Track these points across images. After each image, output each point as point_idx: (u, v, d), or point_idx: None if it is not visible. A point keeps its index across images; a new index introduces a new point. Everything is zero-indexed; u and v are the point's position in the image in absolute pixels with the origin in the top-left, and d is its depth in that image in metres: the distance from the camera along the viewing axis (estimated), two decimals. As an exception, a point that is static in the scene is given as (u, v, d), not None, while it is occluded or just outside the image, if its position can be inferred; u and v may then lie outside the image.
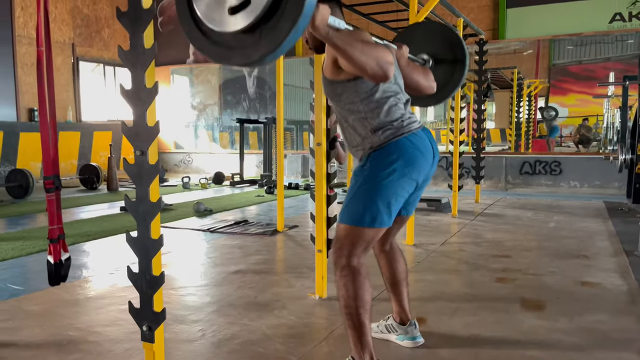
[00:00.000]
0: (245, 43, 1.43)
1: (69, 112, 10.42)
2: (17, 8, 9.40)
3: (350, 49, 1.65)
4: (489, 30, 8.75)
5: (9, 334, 2.44)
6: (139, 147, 1.70)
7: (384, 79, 1.72)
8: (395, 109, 1.97)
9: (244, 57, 1.44)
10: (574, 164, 8.06)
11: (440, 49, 2.71)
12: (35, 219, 5.79)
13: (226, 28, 1.44)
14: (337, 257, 1.94)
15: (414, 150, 1.93)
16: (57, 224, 2.58)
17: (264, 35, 1.40)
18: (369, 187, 1.91)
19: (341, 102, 2.00)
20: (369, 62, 1.66)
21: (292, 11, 1.34)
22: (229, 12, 1.41)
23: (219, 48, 1.48)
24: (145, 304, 1.76)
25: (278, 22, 1.37)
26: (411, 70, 2.25)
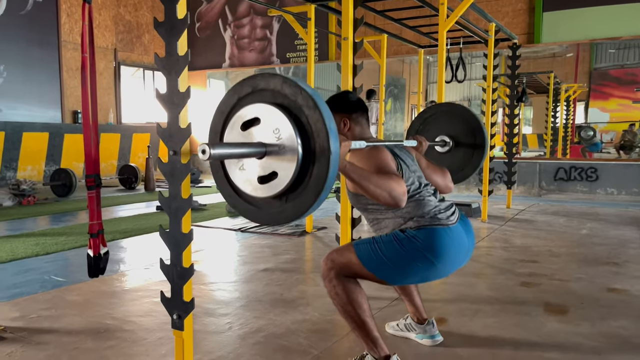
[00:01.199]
0: (272, 206, 1.60)
1: (110, 115, 10.81)
2: (63, 15, 9.84)
3: (365, 182, 1.74)
4: (524, 35, 8.65)
5: (51, 322, 2.62)
6: (172, 148, 1.83)
7: (397, 207, 1.81)
8: (424, 202, 1.99)
9: (271, 220, 1.62)
10: (611, 170, 7.87)
11: (461, 132, 2.80)
12: (77, 216, 6.07)
13: (256, 194, 1.60)
14: (327, 269, 1.97)
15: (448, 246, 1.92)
16: (96, 220, 2.75)
17: (290, 201, 1.56)
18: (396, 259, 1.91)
19: (368, 208, 2.07)
20: (382, 194, 1.74)
21: (315, 186, 1.49)
22: (258, 180, 1.57)
23: (250, 207, 1.66)
24: (175, 294, 1.88)
25: (303, 192, 1.52)
26: (430, 173, 2.31)
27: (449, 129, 2.82)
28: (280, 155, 1.52)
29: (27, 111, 9.24)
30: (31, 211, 6.27)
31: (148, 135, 11.26)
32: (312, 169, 1.49)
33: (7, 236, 4.75)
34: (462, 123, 2.81)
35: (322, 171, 1.47)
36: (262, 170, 1.56)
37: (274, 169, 1.54)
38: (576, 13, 8.28)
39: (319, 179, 1.48)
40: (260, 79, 1.58)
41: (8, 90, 8.92)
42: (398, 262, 1.90)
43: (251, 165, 1.59)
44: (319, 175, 1.48)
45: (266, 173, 1.55)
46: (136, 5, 11.39)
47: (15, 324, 2.57)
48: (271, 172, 1.54)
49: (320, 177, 1.47)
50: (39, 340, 2.38)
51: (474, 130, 2.78)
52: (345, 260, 1.94)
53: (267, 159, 1.55)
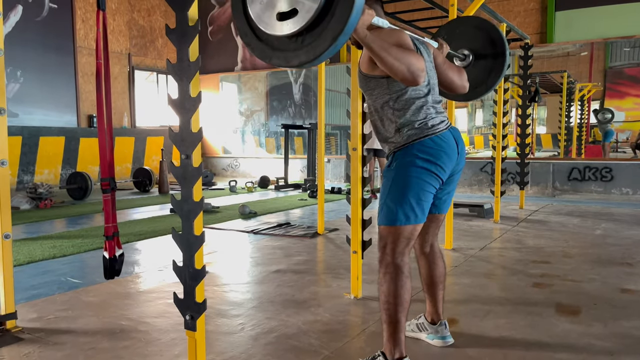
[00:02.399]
0: (287, 47, 1.56)
1: (125, 119, 10.96)
2: (79, 21, 10.00)
3: (384, 53, 1.77)
4: (536, 34, 8.60)
5: (68, 322, 2.68)
6: (184, 152, 1.87)
7: (414, 84, 1.84)
8: (421, 110, 2.05)
9: (283, 60, 1.58)
10: (626, 170, 7.80)
11: (481, 44, 2.74)
12: (92, 218, 6.16)
13: (272, 31, 1.57)
14: (381, 255, 2.05)
15: (437, 149, 2.02)
16: (112, 222, 2.81)
17: (305, 44, 1.52)
18: (397, 187, 2.01)
19: (373, 96, 2.11)
20: (401, 67, 1.78)
21: (335, 28, 1.45)
22: (277, 17, 1.54)
23: (264, 46, 1.62)
24: (188, 295, 1.92)
25: (320, 34, 1.48)
26: (447, 69, 2.31)
27: (467, 43, 2.76)
28: None
29: (44, 116, 9.40)
30: (48, 214, 6.37)
31: (162, 139, 11.39)
32: (335, 9, 1.44)
33: (25, 239, 4.84)
34: (479, 34, 2.74)
35: (345, 13, 1.42)
36: (283, 5, 1.52)
37: (294, 5, 1.50)
38: (589, 12, 8.23)
39: (339, 20, 1.43)
40: None
41: (25, 95, 9.08)
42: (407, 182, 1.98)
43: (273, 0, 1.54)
44: (341, 16, 1.43)
45: (287, 9, 1.51)
46: (149, 10, 11.53)
47: (32, 325, 2.63)
48: (292, 8, 1.50)
49: (341, 18, 1.43)
50: (56, 340, 2.43)
51: (493, 38, 2.71)
52: (387, 234, 2.02)
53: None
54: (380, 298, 2.03)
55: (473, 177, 8.66)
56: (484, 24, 2.78)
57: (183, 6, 1.82)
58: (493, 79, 2.75)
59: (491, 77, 2.75)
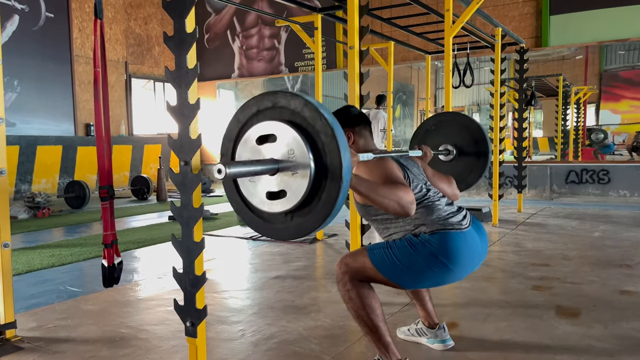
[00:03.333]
0: (278, 221, 1.62)
1: (122, 127, 10.95)
2: (75, 29, 10.02)
3: (372, 194, 1.76)
4: (531, 38, 8.64)
5: (68, 331, 2.67)
6: (183, 158, 1.87)
7: (406, 216, 1.83)
8: (434, 207, 2.01)
9: (274, 234, 1.66)
10: (623, 172, 7.82)
11: (464, 140, 2.84)
12: (91, 227, 6.15)
13: (263, 207, 1.62)
14: (341, 273, 1.98)
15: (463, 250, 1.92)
16: (110, 230, 2.81)
17: (295, 220, 1.58)
18: (410, 264, 1.92)
19: (377, 220, 2.08)
20: (391, 204, 1.77)
21: (323, 210, 1.51)
22: (266, 196, 1.59)
23: (255, 217, 1.68)
24: (188, 302, 1.92)
25: (309, 213, 1.54)
26: (436, 181, 2.33)
27: (452, 138, 2.85)
28: (292, 175, 1.53)
29: (41, 125, 9.40)
30: (46, 223, 6.36)
31: (159, 147, 11.39)
32: (322, 193, 1.50)
33: (24, 248, 4.83)
34: (464, 132, 2.84)
35: (332, 197, 1.48)
36: (272, 186, 1.58)
37: (283, 187, 1.56)
38: (583, 15, 8.27)
39: (327, 204, 1.49)
40: (282, 97, 1.58)
41: (22, 104, 9.08)
42: (412, 266, 1.91)
43: (262, 179, 1.60)
44: (328, 200, 1.48)
45: (276, 190, 1.57)
46: (146, 19, 11.56)
47: (32, 334, 2.62)
48: (281, 189, 1.56)
49: (328, 202, 1.48)
50: (55, 349, 2.43)
51: (476, 138, 2.81)
52: (359, 264, 1.96)
53: (278, 176, 1.57)
54: (352, 314, 1.99)
55: (471, 181, 8.67)
56: (471, 123, 2.89)
57: (181, 14, 1.84)
58: (473, 178, 2.85)
59: (472, 176, 2.84)
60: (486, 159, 2.78)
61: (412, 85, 12.93)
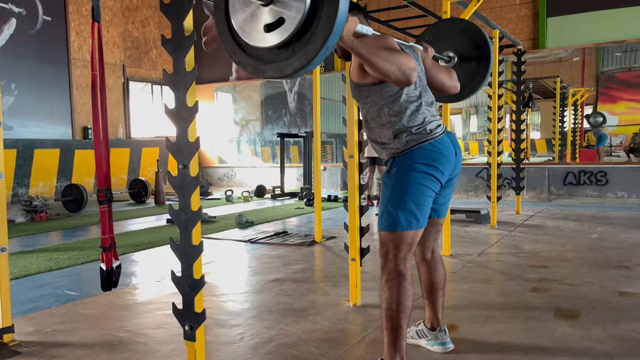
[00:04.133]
0: (279, 57, 1.57)
1: (120, 130, 10.94)
2: (72, 33, 10.01)
3: (373, 57, 1.77)
4: (529, 40, 8.67)
5: (65, 335, 2.66)
6: (181, 161, 1.87)
7: (407, 84, 1.84)
8: (417, 113, 2.06)
9: (277, 71, 1.58)
10: (621, 173, 7.84)
11: (465, 47, 2.76)
12: (88, 230, 6.13)
13: (261, 44, 1.57)
14: (384, 262, 2.04)
15: (436, 153, 2.03)
16: (109, 234, 2.80)
17: (297, 51, 1.52)
18: (398, 192, 2.01)
19: (367, 104, 2.11)
20: (392, 69, 1.78)
21: (323, 30, 1.46)
22: (264, 29, 1.55)
23: (255, 61, 1.62)
24: (187, 305, 1.91)
25: (310, 39, 1.49)
26: (436, 71, 2.33)
27: (452, 45, 2.77)
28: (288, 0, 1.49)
29: (38, 128, 9.37)
30: (43, 227, 6.34)
31: (157, 150, 11.37)
32: (321, 13, 1.45)
33: (21, 252, 4.81)
34: (464, 36, 2.75)
35: (331, 13, 1.43)
36: (268, 17, 1.54)
37: (281, 15, 1.51)
38: (580, 17, 8.30)
39: (327, 21, 1.44)
40: None
41: (19, 107, 9.06)
42: (407, 188, 1.99)
43: (257, 14, 1.56)
44: (328, 17, 1.44)
45: (273, 20, 1.52)
46: (143, 22, 11.56)
47: (30, 339, 2.60)
48: (278, 18, 1.52)
49: (329, 19, 1.44)
50: (54, 354, 2.41)
51: (477, 41, 2.73)
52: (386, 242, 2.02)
53: (273, 5, 1.52)
54: (382, 305, 2.02)
55: (469, 183, 8.68)
56: (469, 27, 2.81)
57: (179, 16, 1.83)
58: (476, 83, 2.78)
59: (475, 82, 2.78)
60: (488, 61, 2.70)
61: (409, 87, 12.92)
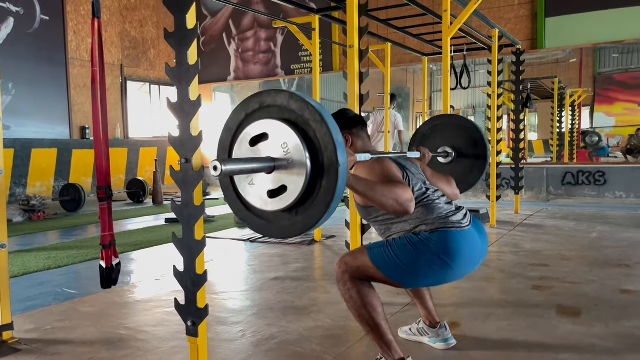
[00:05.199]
0: (283, 219, 1.62)
1: (118, 130, 10.90)
2: (70, 32, 9.97)
3: (370, 193, 1.76)
4: (527, 40, 8.67)
5: (65, 333, 2.64)
6: (184, 156, 1.85)
7: (406, 214, 1.82)
8: (433, 205, 2.00)
9: (281, 233, 1.63)
10: (619, 174, 7.84)
11: (463, 143, 2.85)
12: (86, 230, 6.11)
13: (265, 208, 1.62)
14: (340, 272, 1.97)
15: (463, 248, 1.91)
16: (108, 231, 2.79)
17: (300, 214, 1.57)
18: (410, 262, 1.90)
19: (378, 221, 2.08)
20: (389, 202, 1.76)
21: (325, 198, 1.51)
22: (268, 195, 1.60)
23: (261, 221, 1.67)
24: (189, 301, 1.89)
25: (312, 205, 1.54)
26: (436, 181, 2.32)
27: (449, 140, 2.86)
28: (289, 169, 1.54)
29: (36, 128, 9.33)
30: (41, 226, 6.31)
31: (155, 150, 11.34)
32: (321, 182, 1.51)
33: (19, 251, 4.79)
34: (461, 133, 2.85)
35: (332, 183, 1.49)
36: (271, 184, 1.58)
37: (283, 183, 1.56)
38: (579, 18, 8.31)
39: (328, 191, 1.49)
40: (267, 96, 1.60)
41: (17, 107, 9.02)
42: (412, 265, 1.90)
43: (260, 180, 1.61)
44: (328, 187, 1.49)
45: (276, 187, 1.57)
46: (141, 22, 11.53)
47: (29, 336, 2.58)
48: (280, 185, 1.57)
49: (329, 189, 1.49)
50: (53, 351, 2.40)
51: (474, 139, 2.82)
52: (359, 263, 1.95)
53: (276, 173, 1.57)
54: (353, 314, 1.98)
55: (467, 183, 8.67)
56: (467, 124, 2.90)
57: (182, 10, 1.82)
58: (474, 178, 2.86)
59: (472, 176, 2.85)
60: (485, 158, 2.79)
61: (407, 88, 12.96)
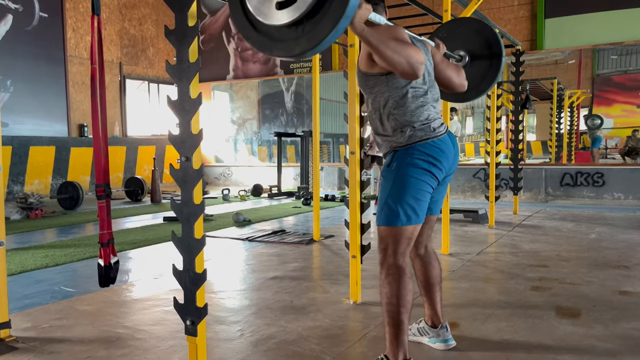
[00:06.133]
0: (288, 36, 1.55)
1: (116, 128, 10.88)
2: (69, 30, 9.95)
3: (382, 47, 1.76)
4: (527, 41, 8.68)
5: (63, 331, 2.62)
6: (184, 154, 1.84)
7: (414, 77, 1.83)
8: (422, 109, 2.05)
9: (285, 50, 1.56)
10: (617, 175, 7.85)
11: (478, 46, 2.75)
12: (84, 228, 6.08)
13: (272, 21, 1.55)
14: (383, 257, 2.03)
15: (437, 151, 2.04)
16: (107, 229, 2.77)
17: (306, 31, 1.50)
18: (398, 187, 2.01)
19: (372, 94, 2.10)
20: (400, 60, 1.77)
21: (335, 12, 1.44)
22: (276, 6, 1.53)
23: (264, 38, 1.60)
24: (188, 300, 1.88)
25: (321, 20, 1.47)
26: (445, 67, 2.31)
27: (464, 44, 2.76)
28: None
29: (34, 125, 9.31)
30: (39, 224, 6.29)
31: (153, 148, 11.32)
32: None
33: (16, 249, 4.77)
34: (477, 36, 2.75)
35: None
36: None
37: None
38: (578, 19, 8.32)
39: (340, 3, 1.43)
40: None
41: (15, 104, 8.99)
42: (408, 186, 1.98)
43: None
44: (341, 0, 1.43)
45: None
46: (140, 20, 11.51)
47: (27, 334, 2.57)
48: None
49: (342, 1, 1.42)
50: (51, 349, 2.38)
51: (489, 42, 2.72)
52: (387, 234, 2.01)
53: None
54: (382, 300, 2.00)
55: (466, 184, 8.68)
56: (484, 28, 2.79)
57: (182, 7, 1.81)
58: (485, 85, 2.77)
59: (484, 83, 2.77)
60: (499, 60, 2.68)
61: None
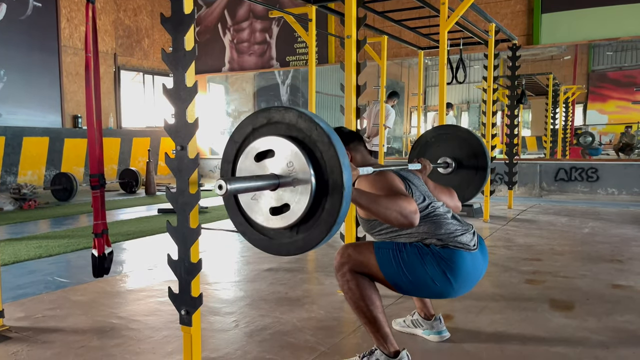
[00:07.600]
0: (283, 237, 1.59)
1: (110, 119, 10.82)
2: (63, 20, 9.86)
3: (374, 206, 1.74)
4: (523, 36, 8.68)
5: (57, 321, 2.61)
6: (179, 143, 1.83)
7: (410, 226, 1.79)
8: (442, 221, 1.99)
9: (281, 250, 1.61)
10: (611, 170, 7.89)
11: (464, 155, 2.85)
12: (78, 219, 6.06)
13: (266, 224, 1.59)
14: (341, 262, 1.97)
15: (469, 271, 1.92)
16: (101, 220, 2.76)
17: (301, 233, 1.55)
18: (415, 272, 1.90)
19: (382, 233, 2.06)
20: (393, 215, 1.73)
21: (327, 220, 1.48)
22: (270, 212, 1.57)
23: (260, 236, 1.65)
24: (183, 290, 1.88)
25: (314, 225, 1.51)
26: (438, 193, 2.31)
27: (451, 151, 2.87)
28: (293, 187, 1.51)
29: (27, 116, 9.24)
30: (32, 215, 6.26)
31: (148, 140, 11.27)
32: (325, 203, 1.48)
33: (10, 239, 4.74)
34: (464, 145, 2.85)
35: (335, 206, 1.46)
36: (274, 201, 1.56)
37: (286, 201, 1.53)
38: (574, 14, 8.33)
39: (331, 213, 1.47)
40: (275, 112, 1.57)
41: (8, 95, 8.92)
42: (417, 275, 1.89)
43: (264, 196, 1.58)
44: (332, 209, 1.47)
45: (278, 205, 1.55)
46: (135, 10, 11.42)
47: (20, 324, 2.56)
48: (283, 204, 1.54)
49: (332, 211, 1.47)
50: (44, 339, 2.37)
51: (476, 152, 2.83)
52: (363, 258, 1.94)
53: (280, 190, 1.55)
54: (350, 305, 1.97)
55: (461, 178, 8.69)
56: (470, 136, 2.89)
57: (178, -6, 1.79)
58: (470, 193, 2.86)
59: (469, 191, 2.86)
60: (485, 173, 2.79)
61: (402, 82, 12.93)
